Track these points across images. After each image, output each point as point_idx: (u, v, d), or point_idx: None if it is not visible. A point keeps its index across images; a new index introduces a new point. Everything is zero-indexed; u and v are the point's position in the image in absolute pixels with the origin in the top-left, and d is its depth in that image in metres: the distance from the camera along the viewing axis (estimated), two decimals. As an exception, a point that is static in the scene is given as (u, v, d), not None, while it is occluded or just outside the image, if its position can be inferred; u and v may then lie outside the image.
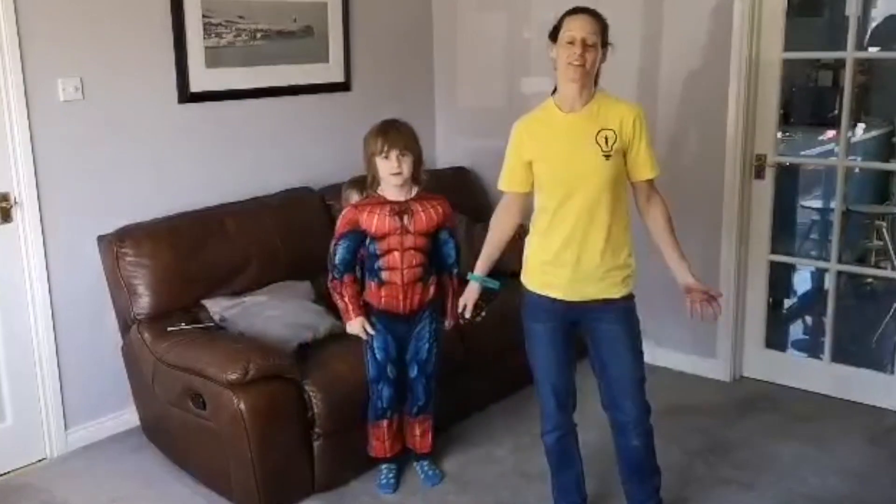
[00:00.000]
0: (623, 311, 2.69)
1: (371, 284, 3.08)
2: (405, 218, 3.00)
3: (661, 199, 2.72)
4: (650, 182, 2.69)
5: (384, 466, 3.27)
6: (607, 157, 2.57)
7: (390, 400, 3.17)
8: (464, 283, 2.97)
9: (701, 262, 3.92)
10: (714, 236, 4.05)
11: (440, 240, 3.10)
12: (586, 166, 2.58)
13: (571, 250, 2.62)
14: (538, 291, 2.72)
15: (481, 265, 2.86)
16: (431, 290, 3.13)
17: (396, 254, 3.01)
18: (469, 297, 2.90)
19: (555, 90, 2.68)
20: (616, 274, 2.66)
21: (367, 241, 3.03)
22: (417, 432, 3.27)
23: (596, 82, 2.64)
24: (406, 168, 2.98)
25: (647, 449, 2.79)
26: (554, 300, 2.69)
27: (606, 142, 2.58)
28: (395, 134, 2.98)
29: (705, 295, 2.66)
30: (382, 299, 3.07)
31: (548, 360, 2.74)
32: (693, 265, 2.74)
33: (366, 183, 3.07)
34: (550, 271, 2.68)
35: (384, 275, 3.04)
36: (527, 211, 2.79)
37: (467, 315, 2.93)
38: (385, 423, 3.20)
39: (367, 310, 3.10)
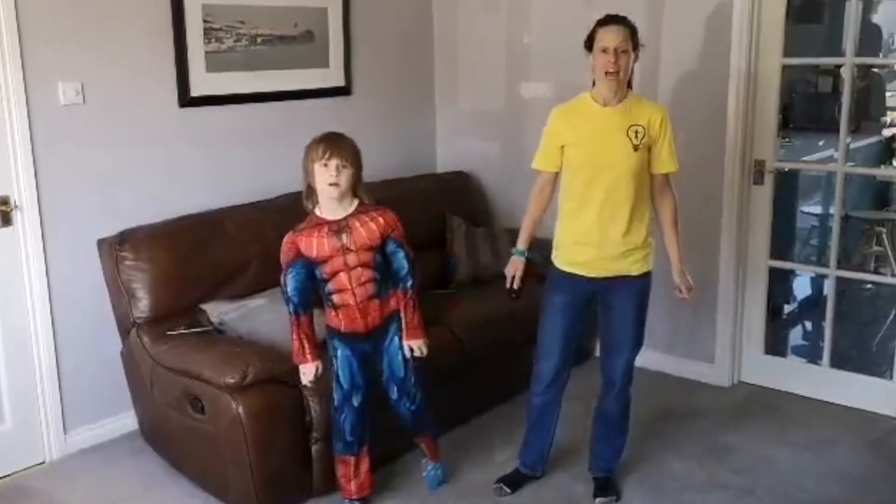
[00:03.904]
0: (638, 287, 3.01)
1: (329, 310, 2.96)
2: (344, 236, 2.85)
3: (673, 193, 3.02)
4: (667, 176, 2.99)
5: None
6: (635, 149, 2.88)
7: (354, 431, 2.99)
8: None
9: (700, 267, 3.94)
10: (713, 241, 4.06)
11: (388, 251, 2.94)
12: (615, 155, 2.89)
13: (595, 231, 2.93)
14: (565, 268, 3.02)
15: (522, 240, 3.12)
16: (392, 302, 2.98)
17: (342, 275, 2.87)
18: (516, 269, 3.11)
19: (593, 84, 2.95)
20: (636, 253, 2.96)
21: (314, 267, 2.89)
22: (423, 447, 3.25)
23: (631, 84, 2.94)
24: (344, 181, 2.81)
25: (621, 411, 3.14)
26: (578, 276, 2.99)
27: (636, 136, 2.88)
28: (338, 143, 2.84)
29: (681, 291, 3.07)
30: (342, 322, 2.93)
31: (558, 329, 3.05)
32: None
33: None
34: (577, 249, 2.99)
35: (336, 298, 2.90)
36: (558, 190, 3.07)
37: (516, 286, 3.10)
38: (351, 459, 3.03)
39: (330, 334, 2.97)
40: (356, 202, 2.92)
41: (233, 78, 3.89)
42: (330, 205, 2.89)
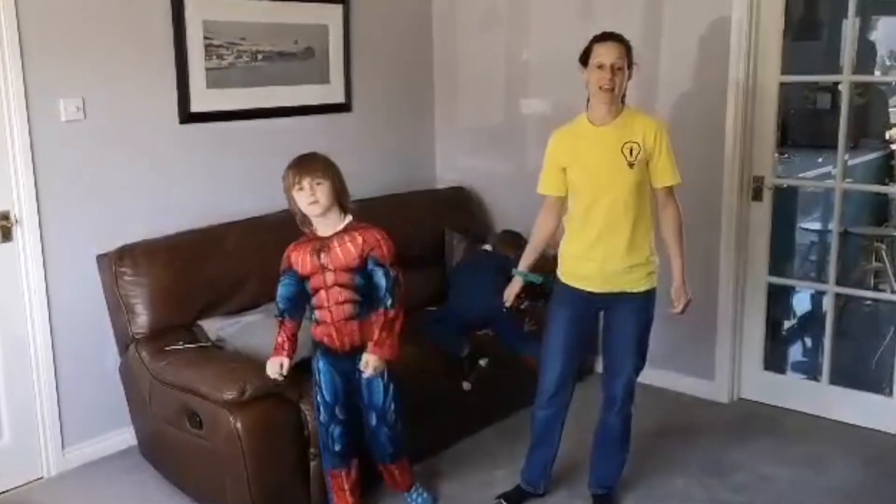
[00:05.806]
0: (641, 304, 3.01)
1: (313, 324, 3.00)
2: (322, 256, 2.88)
3: (676, 206, 3.02)
4: (669, 189, 2.99)
5: None
6: (631, 165, 2.88)
7: (344, 443, 2.99)
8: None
9: (699, 284, 3.91)
10: (712, 258, 4.06)
11: (368, 270, 2.90)
12: (613, 173, 2.90)
13: (599, 248, 2.94)
14: (570, 283, 3.04)
15: (524, 261, 3.18)
16: (374, 326, 2.93)
17: (322, 292, 2.90)
18: (511, 290, 3.20)
19: (587, 105, 2.97)
20: (640, 269, 2.97)
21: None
22: (396, 474, 3.16)
23: (623, 98, 2.94)
24: (322, 196, 2.84)
25: (622, 427, 3.12)
26: (582, 291, 3.01)
27: (631, 152, 2.88)
28: (307, 163, 2.87)
29: (679, 303, 3.05)
30: (323, 337, 2.96)
31: (561, 343, 3.06)
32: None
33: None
34: (581, 266, 3.00)
35: (318, 314, 2.94)
36: (564, 213, 3.10)
37: (507, 304, 3.20)
38: (343, 472, 3.02)
39: (314, 347, 3.01)
40: (347, 219, 2.94)
41: (233, 94, 3.91)
42: (319, 223, 2.92)
